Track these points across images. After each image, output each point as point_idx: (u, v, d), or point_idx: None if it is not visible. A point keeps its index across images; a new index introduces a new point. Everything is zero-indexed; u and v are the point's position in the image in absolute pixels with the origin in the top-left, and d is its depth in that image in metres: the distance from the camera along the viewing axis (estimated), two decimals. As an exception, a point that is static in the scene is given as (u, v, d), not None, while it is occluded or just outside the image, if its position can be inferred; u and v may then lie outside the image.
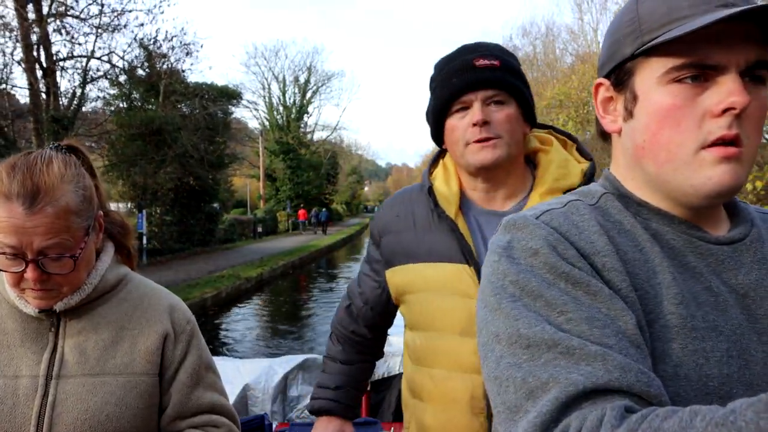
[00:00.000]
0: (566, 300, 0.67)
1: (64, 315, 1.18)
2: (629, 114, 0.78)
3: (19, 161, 1.10)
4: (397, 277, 1.46)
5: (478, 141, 1.30)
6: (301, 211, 37.41)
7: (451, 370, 1.34)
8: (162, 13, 29.93)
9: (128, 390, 1.15)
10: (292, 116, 44.20)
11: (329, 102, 70.59)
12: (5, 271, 1.09)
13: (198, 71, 34.21)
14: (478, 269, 1.29)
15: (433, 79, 1.43)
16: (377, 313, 1.59)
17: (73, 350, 1.15)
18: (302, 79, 45.66)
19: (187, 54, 17.73)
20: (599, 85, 0.83)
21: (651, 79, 0.74)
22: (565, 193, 1.19)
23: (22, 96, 15.75)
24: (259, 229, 30.50)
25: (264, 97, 44.92)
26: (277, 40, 72.31)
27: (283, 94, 44.92)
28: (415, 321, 1.44)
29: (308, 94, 45.65)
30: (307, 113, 45.90)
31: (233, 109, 24.30)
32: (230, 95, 22.87)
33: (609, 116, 0.83)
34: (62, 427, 1.09)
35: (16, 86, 14.89)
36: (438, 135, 1.43)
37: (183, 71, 18.61)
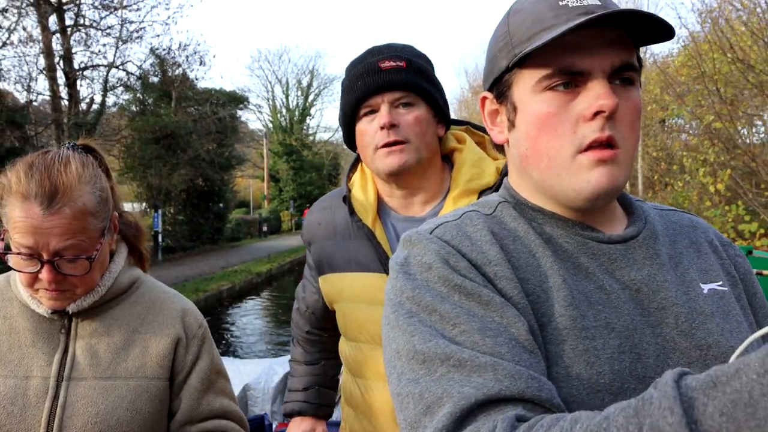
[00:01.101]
0: (459, 312, 0.69)
1: (76, 316, 1.17)
2: (512, 124, 0.81)
3: (37, 160, 1.09)
4: (325, 285, 1.47)
5: (386, 145, 1.28)
6: (307, 210, 38.71)
7: (373, 380, 1.35)
8: (176, 23, 31.37)
9: (139, 394, 1.15)
10: (295, 119, 45.10)
11: (331, 105, 71.14)
12: (20, 271, 1.08)
13: (208, 78, 35.11)
14: None
15: (342, 83, 1.40)
16: (319, 318, 1.60)
17: (85, 352, 1.15)
18: (305, 83, 46.46)
19: (201, 63, 18.84)
20: (485, 98, 0.86)
21: (526, 89, 0.77)
22: (480, 193, 1.29)
23: (41, 102, 16.66)
24: (264, 228, 31.53)
25: (268, 99, 45.87)
26: (281, 44, 73.09)
27: (287, 97, 45.72)
28: (343, 330, 1.45)
29: (311, 97, 46.41)
30: (310, 116, 46.60)
31: (240, 113, 25.39)
32: (238, 100, 23.89)
33: (496, 128, 0.85)
34: (72, 430, 1.08)
35: (42, 93, 15.78)
36: (350, 140, 1.40)
37: (196, 79, 19.71)
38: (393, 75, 1.29)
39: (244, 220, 29.94)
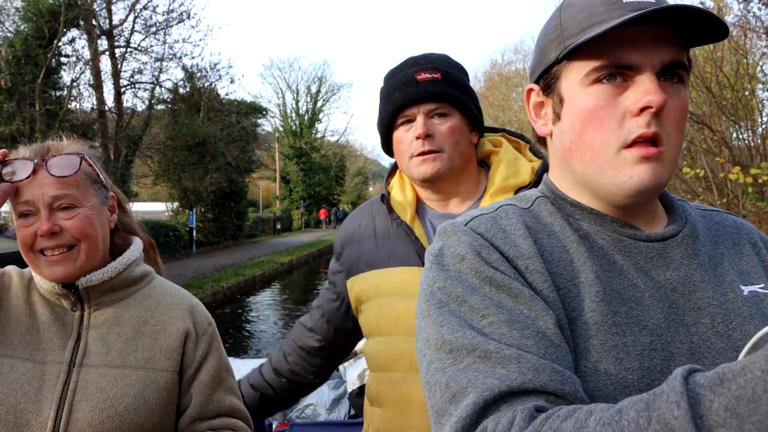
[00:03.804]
0: (488, 304, 0.70)
1: (89, 306, 1.22)
2: (557, 117, 0.82)
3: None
4: (357, 285, 1.49)
5: (421, 154, 1.34)
6: (323, 210, 43.07)
7: (407, 372, 1.36)
8: (207, 45, 34.84)
9: (147, 384, 1.18)
10: (305, 123, 47.44)
11: (338, 110, 73.20)
12: (21, 229, 1.15)
13: (234, 92, 38.33)
14: None
15: (380, 91, 1.47)
16: (332, 327, 1.62)
17: (96, 341, 1.20)
18: (314, 89, 48.73)
19: (231, 81, 21.36)
20: (530, 90, 0.87)
21: (574, 81, 0.78)
22: (517, 190, 1.36)
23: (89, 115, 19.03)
24: (278, 226, 34.14)
25: (279, 105, 48.22)
26: (292, 53, 75.89)
27: (297, 103, 47.99)
28: (374, 327, 1.45)
29: (319, 103, 48.39)
30: (319, 120, 48.64)
31: (259, 121, 27.99)
32: (258, 109, 26.43)
33: (540, 120, 0.86)
34: (81, 413, 1.12)
35: (93, 108, 18.28)
36: (387, 146, 1.47)
37: (226, 95, 22.32)
38: (428, 87, 1.36)
39: (260, 218, 32.50)
